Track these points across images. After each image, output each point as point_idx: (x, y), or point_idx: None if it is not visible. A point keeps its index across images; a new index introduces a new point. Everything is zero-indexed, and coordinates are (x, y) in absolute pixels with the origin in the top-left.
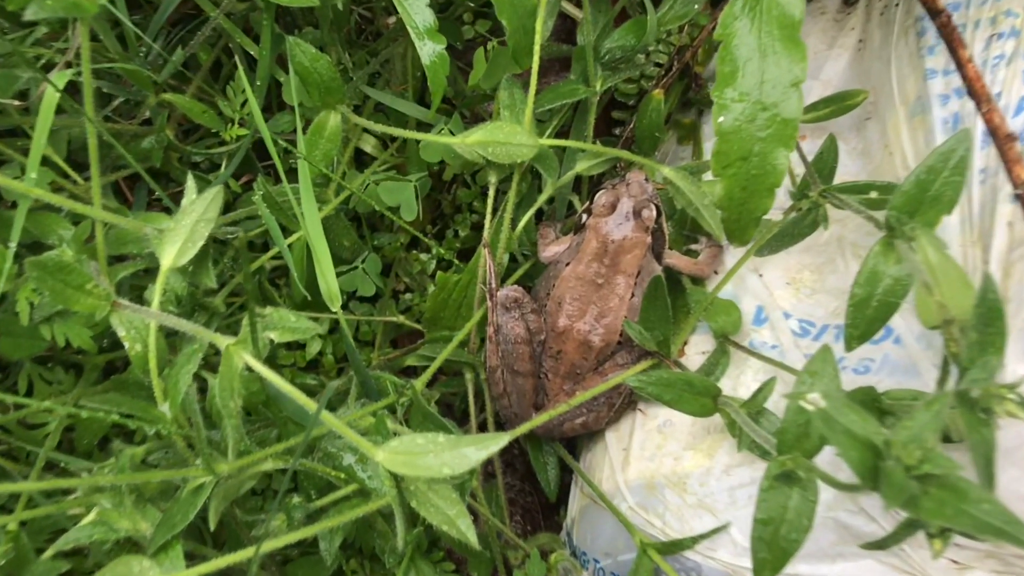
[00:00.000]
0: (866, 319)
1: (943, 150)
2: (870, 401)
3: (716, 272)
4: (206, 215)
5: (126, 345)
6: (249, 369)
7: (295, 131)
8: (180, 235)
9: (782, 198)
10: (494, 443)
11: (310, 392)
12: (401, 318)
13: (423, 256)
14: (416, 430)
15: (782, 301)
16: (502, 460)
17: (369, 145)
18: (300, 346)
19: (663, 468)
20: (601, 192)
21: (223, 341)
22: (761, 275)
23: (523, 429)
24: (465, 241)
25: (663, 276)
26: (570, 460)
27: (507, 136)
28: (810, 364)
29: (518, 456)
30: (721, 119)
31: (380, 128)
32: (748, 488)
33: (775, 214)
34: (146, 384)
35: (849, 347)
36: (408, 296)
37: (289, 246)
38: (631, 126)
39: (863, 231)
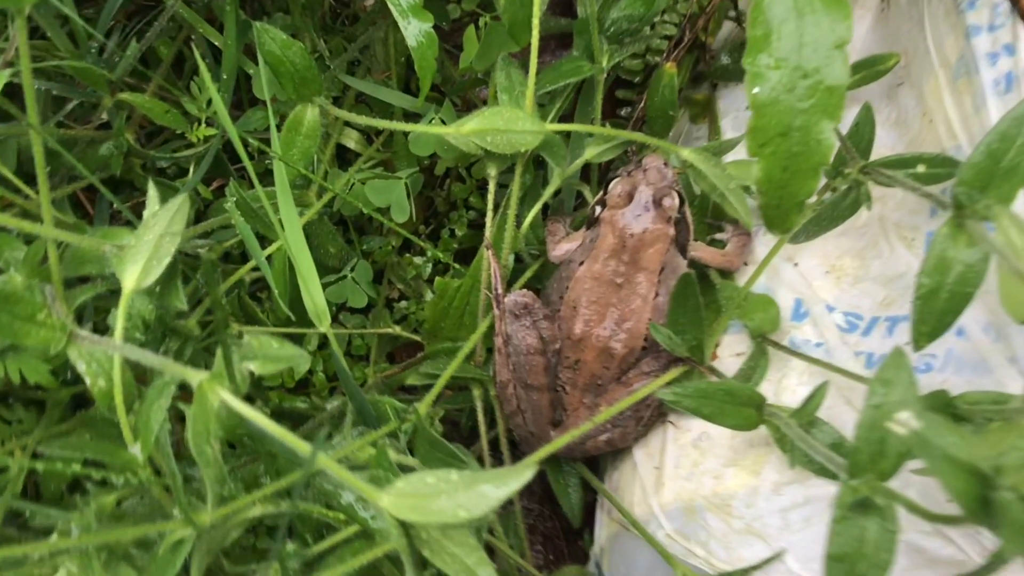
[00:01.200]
0: (936, 313)
1: (1017, 114)
2: (943, 406)
3: (746, 263)
4: (171, 228)
5: (87, 381)
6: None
7: (269, 128)
8: (143, 252)
9: None
10: (516, 478)
11: (300, 418)
12: (397, 329)
13: (417, 260)
14: (422, 459)
15: (823, 292)
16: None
17: (352, 140)
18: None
19: (702, 489)
20: (616, 180)
21: (195, 376)
22: (796, 264)
23: (543, 453)
24: (463, 241)
25: (692, 272)
26: (595, 481)
27: (508, 122)
28: (882, 371)
29: (535, 477)
30: (756, 90)
31: (364, 121)
32: (802, 509)
33: None
34: (116, 421)
35: (918, 346)
36: (403, 304)
37: (268, 258)
38: (641, 105)
39: (907, 209)
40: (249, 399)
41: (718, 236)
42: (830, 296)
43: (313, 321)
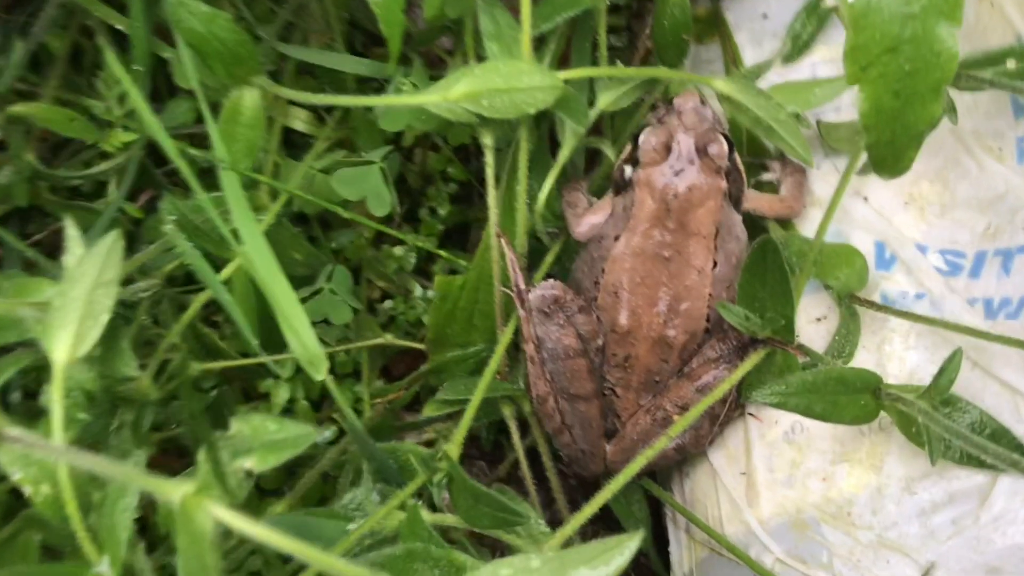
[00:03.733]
0: None
1: None
2: None
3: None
4: (104, 277)
5: (26, 490)
6: None
7: (198, 122)
8: (72, 313)
9: None
10: (617, 555)
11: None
12: (390, 338)
13: (397, 250)
14: (464, 517)
15: (908, 229)
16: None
17: (300, 121)
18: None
19: (810, 495)
20: (647, 131)
21: (176, 491)
22: (866, 198)
23: (616, 487)
24: (448, 220)
25: (770, 237)
26: (666, 496)
27: (508, 79)
28: None
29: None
30: None
31: (321, 100)
32: (947, 510)
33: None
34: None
35: None
36: (388, 305)
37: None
38: (647, 32)
39: (981, 114)
40: None
41: (765, 177)
42: (917, 233)
43: (306, 369)
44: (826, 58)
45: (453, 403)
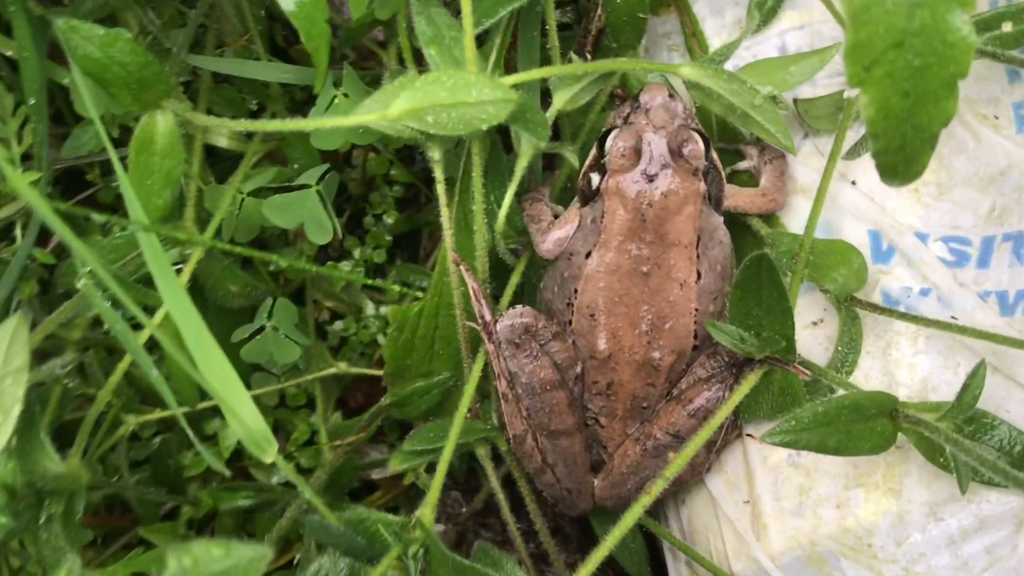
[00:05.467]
0: None
1: None
2: None
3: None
4: (11, 365)
5: None
6: None
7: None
8: None
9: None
10: None
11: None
12: (344, 367)
13: (344, 265)
14: None
15: (904, 215)
16: (555, 539)
17: (223, 137)
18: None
19: (824, 525)
20: (613, 134)
21: None
22: (854, 182)
23: (618, 534)
24: (395, 228)
25: (764, 252)
26: (663, 532)
27: (455, 93)
28: None
29: (570, 527)
30: None
31: (242, 126)
32: (980, 537)
33: (832, 85)
34: None
35: None
36: (338, 326)
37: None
38: (598, 14)
39: (977, 79)
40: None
41: (741, 166)
42: (915, 218)
43: (252, 450)
44: (795, 24)
45: (423, 453)
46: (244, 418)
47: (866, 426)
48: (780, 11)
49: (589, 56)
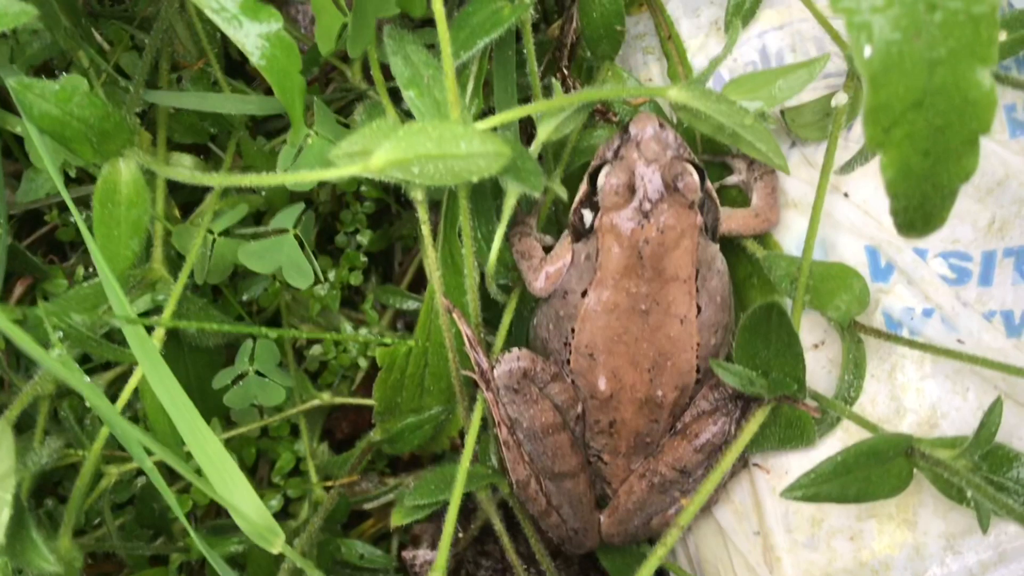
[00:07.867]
0: None
1: None
2: None
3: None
4: None
5: None
6: None
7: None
8: None
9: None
10: None
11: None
12: (327, 398)
13: (318, 290)
14: None
15: None
16: (555, 562)
17: (187, 170)
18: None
19: (839, 559)
20: (605, 170)
21: None
22: (847, 194)
23: None
24: (372, 246)
25: (777, 302)
26: (672, 567)
27: (442, 145)
28: None
29: (576, 564)
30: (867, 51)
31: (209, 180)
32: (1000, 571)
33: (819, 88)
34: None
35: None
36: (317, 351)
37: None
38: (572, 27)
39: None
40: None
41: (729, 181)
42: None
43: (258, 543)
44: (775, 24)
45: (425, 507)
46: (246, 513)
47: (884, 469)
48: (758, 11)
49: (566, 69)
